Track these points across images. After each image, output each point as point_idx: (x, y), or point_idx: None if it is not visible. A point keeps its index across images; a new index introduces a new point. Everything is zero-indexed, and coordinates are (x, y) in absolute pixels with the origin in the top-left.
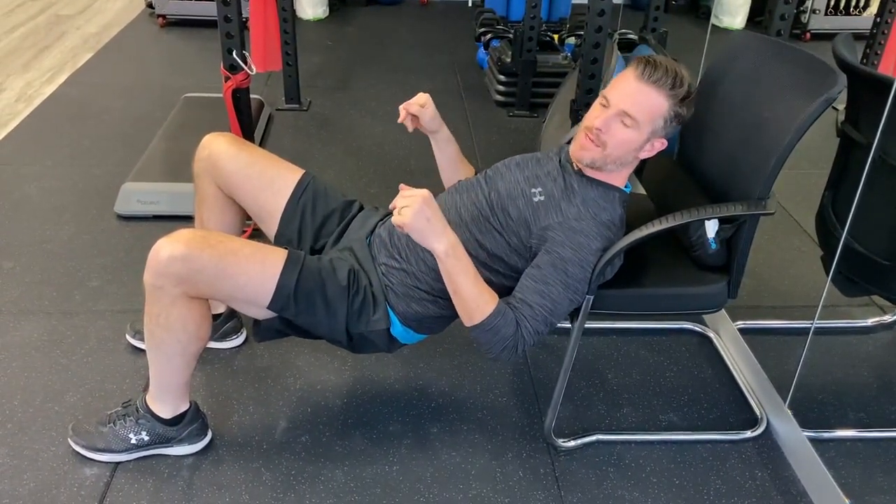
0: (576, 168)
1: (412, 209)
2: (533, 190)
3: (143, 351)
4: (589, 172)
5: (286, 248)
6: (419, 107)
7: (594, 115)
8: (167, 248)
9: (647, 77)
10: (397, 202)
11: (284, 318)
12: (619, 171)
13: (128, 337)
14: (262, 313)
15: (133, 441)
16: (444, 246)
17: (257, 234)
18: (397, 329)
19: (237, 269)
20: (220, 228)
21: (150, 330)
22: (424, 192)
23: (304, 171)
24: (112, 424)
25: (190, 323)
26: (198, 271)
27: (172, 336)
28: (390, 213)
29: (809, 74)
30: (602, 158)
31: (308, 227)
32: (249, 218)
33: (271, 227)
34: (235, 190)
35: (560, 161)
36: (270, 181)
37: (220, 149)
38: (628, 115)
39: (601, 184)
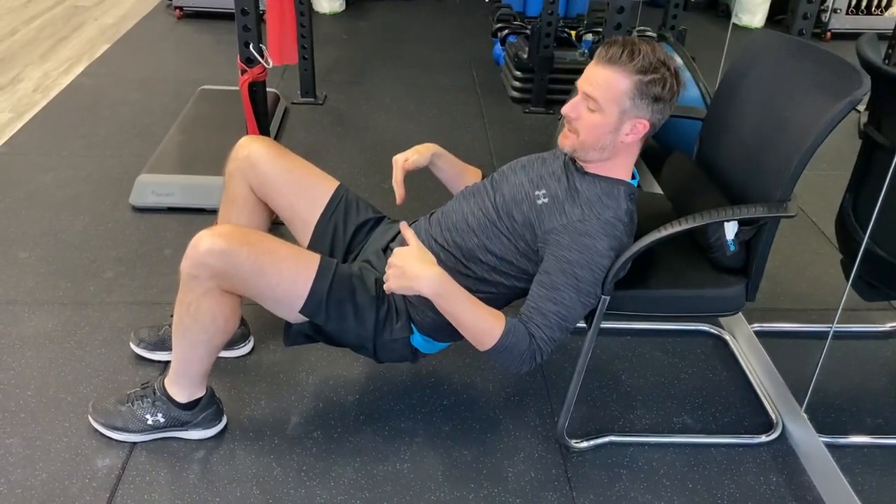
0: (577, 166)
1: (392, 277)
2: (537, 192)
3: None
4: (589, 168)
5: (319, 254)
6: (405, 166)
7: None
8: (207, 240)
9: (604, 57)
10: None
11: (314, 323)
12: (613, 159)
13: (132, 345)
14: (292, 315)
15: (149, 422)
16: (429, 289)
17: None
18: (417, 339)
19: (272, 269)
20: None
21: (178, 317)
22: (398, 252)
23: (338, 182)
24: (130, 404)
25: (219, 316)
26: (234, 266)
27: (199, 326)
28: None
29: (833, 75)
30: (580, 145)
31: (340, 243)
32: (276, 223)
33: (303, 235)
34: (271, 194)
35: (564, 160)
36: (307, 190)
37: (259, 151)
38: (590, 98)
39: (604, 180)
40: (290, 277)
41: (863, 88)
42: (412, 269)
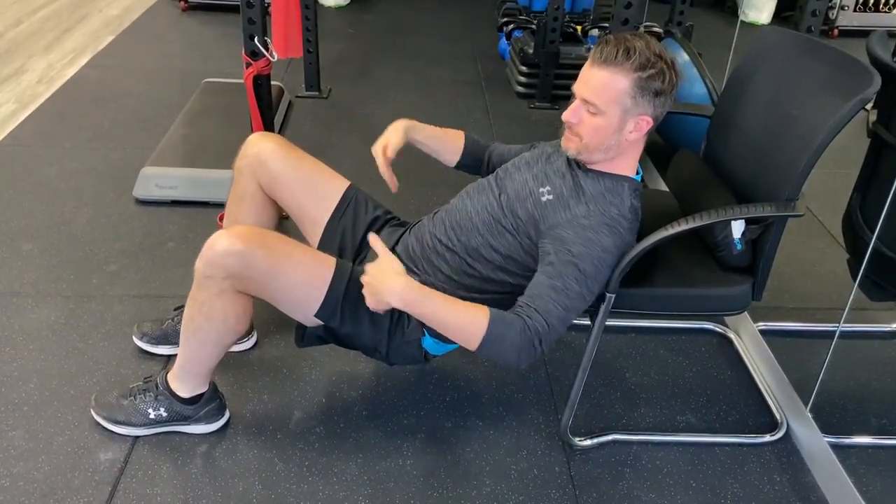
0: (581, 163)
1: (367, 295)
2: (541, 189)
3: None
4: (592, 165)
5: (335, 258)
6: (388, 152)
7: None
8: (225, 241)
9: (598, 58)
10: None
11: (328, 326)
12: (619, 157)
13: (134, 339)
14: (307, 319)
15: (152, 416)
16: (398, 301)
17: None
18: (427, 341)
19: (289, 272)
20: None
21: (190, 315)
22: (368, 268)
23: (349, 182)
24: (132, 398)
25: (231, 316)
26: (250, 267)
27: (211, 325)
28: (410, 229)
29: (842, 73)
30: (584, 148)
31: (349, 245)
32: (283, 218)
33: (312, 234)
34: (280, 191)
35: (568, 157)
36: (315, 188)
37: (269, 149)
38: (588, 102)
39: (608, 176)
40: (306, 281)
41: (873, 87)
42: (382, 283)
